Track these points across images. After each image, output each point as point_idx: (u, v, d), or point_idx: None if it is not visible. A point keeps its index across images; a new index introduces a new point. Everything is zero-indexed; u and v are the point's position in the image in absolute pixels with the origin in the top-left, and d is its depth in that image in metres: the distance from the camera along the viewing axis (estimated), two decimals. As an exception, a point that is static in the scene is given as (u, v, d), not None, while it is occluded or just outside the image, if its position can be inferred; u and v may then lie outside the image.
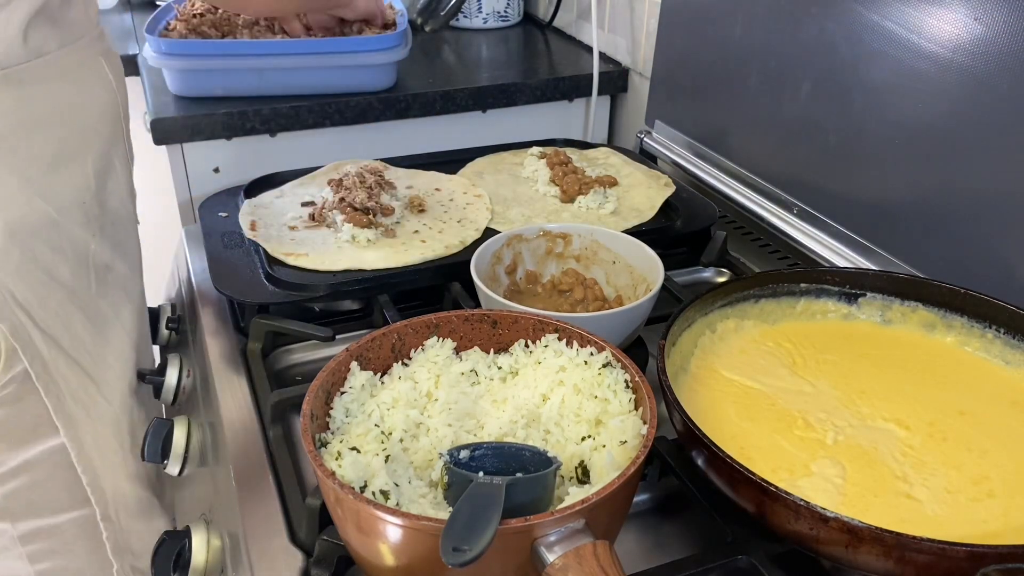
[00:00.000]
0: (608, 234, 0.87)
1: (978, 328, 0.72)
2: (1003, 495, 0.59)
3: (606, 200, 1.04)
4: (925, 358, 0.73)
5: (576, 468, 0.57)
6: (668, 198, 1.05)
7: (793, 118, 1.00)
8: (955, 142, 0.81)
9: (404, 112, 1.28)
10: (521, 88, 1.35)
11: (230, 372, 0.82)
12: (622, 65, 1.43)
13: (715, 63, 1.14)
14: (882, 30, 0.87)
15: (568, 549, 0.47)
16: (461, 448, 0.54)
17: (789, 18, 0.99)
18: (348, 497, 0.49)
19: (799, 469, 0.60)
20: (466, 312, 0.67)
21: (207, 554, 0.68)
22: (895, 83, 0.86)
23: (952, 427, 0.65)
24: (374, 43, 1.23)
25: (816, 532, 0.52)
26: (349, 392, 0.61)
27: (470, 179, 1.11)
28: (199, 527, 0.70)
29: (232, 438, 0.73)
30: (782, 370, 0.71)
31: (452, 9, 1.42)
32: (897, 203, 0.88)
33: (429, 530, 0.47)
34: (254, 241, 0.92)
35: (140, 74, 1.32)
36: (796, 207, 1.01)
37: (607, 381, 0.61)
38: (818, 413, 0.66)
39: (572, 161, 1.11)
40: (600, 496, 0.49)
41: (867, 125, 0.90)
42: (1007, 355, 0.71)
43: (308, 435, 0.54)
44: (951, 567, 0.49)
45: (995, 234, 0.78)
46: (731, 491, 0.57)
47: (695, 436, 0.57)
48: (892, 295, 0.76)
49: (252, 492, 0.67)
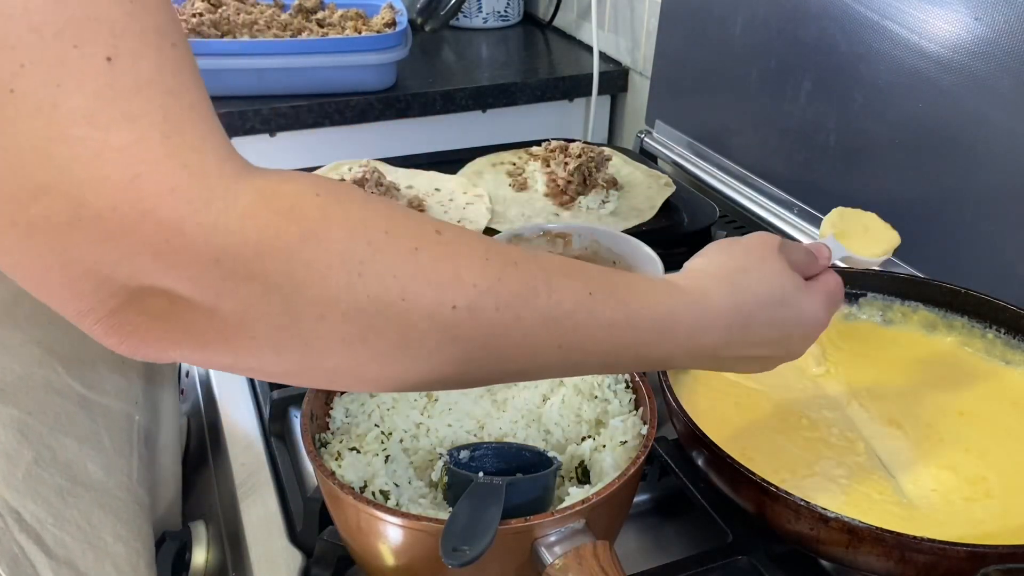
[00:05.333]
0: (608, 234, 0.87)
1: (979, 328, 0.72)
2: (1001, 495, 0.59)
3: (606, 200, 1.04)
4: (926, 358, 0.73)
5: (576, 468, 0.57)
6: (668, 198, 1.05)
7: (793, 118, 1.00)
8: (955, 142, 0.81)
9: (404, 112, 1.28)
10: (521, 88, 1.35)
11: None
12: (622, 65, 1.43)
13: (715, 63, 1.14)
14: (882, 30, 0.87)
15: (568, 549, 0.47)
16: (461, 448, 0.54)
17: (789, 18, 0.99)
18: (348, 497, 0.49)
19: (801, 469, 0.60)
20: (466, 312, 0.67)
21: (207, 554, 0.68)
22: (895, 83, 0.86)
23: (951, 427, 0.65)
24: (374, 43, 1.23)
25: (816, 532, 0.52)
26: (349, 392, 0.61)
27: (470, 179, 1.11)
28: (199, 527, 0.70)
29: (232, 438, 0.73)
30: (783, 371, 0.71)
31: (452, 9, 1.42)
32: (897, 203, 0.88)
33: (429, 530, 0.47)
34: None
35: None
36: (796, 207, 1.01)
37: (607, 381, 0.61)
38: (822, 413, 0.66)
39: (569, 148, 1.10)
40: (600, 496, 0.49)
41: (867, 125, 0.90)
42: (1008, 355, 0.71)
43: (308, 435, 0.54)
44: (951, 567, 0.49)
45: (995, 234, 0.78)
46: (731, 491, 0.57)
47: (696, 436, 0.57)
48: (892, 295, 0.76)
49: (252, 492, 0.67)
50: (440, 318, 0.38)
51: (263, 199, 0.34)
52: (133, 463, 0.63)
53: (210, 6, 1.30)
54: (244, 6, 1.35)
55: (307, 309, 0.35)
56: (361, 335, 0.37)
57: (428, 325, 0.38)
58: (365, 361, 0.38)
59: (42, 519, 0.56)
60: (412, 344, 0.38)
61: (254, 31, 1.27)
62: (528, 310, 0.41)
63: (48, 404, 0.57)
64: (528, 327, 0.41)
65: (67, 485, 0.58)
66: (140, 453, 0.64)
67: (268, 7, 1.37)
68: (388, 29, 1.30)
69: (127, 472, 0.62)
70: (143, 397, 0.65)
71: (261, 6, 1.37)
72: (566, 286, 0.42)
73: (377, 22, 1.36)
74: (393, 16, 1.34)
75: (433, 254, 0.38)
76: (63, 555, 0.58)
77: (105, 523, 0.60)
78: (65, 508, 0.58)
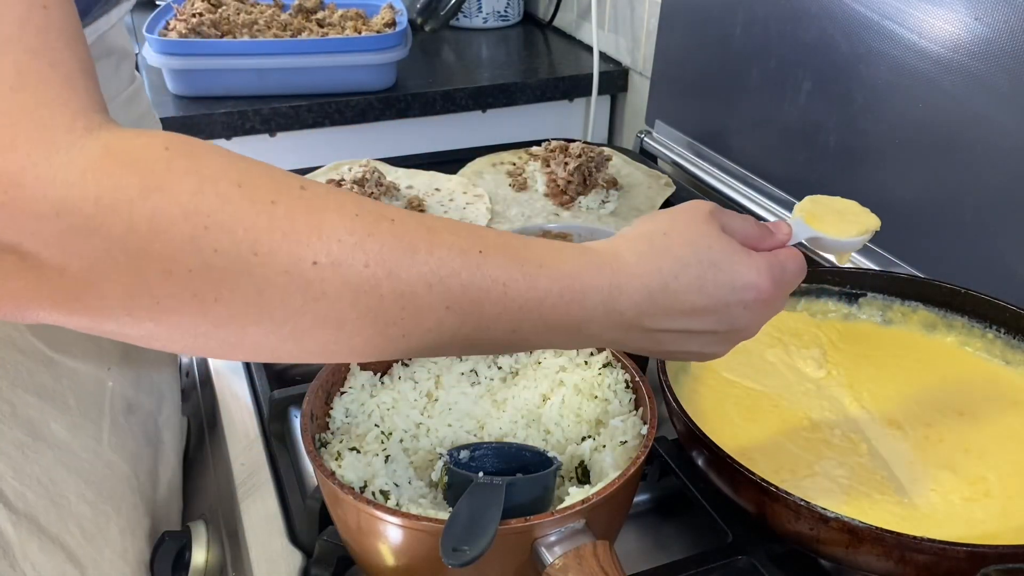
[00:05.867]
0: (608, 234, 0.87)
1: (979, 328, 0.72)
2: (1001, 496, 0.59)
3: (606, 200, 1.04)
4: (926, 358, 0.73)
5: (576, 468, 0.57)
6: (668, 198, 1.05)
7: (793, 118, 1.00)
8: (955, 142, 0.81)
9: (404, 112, 1.28)
10: (521, 88, 1.35)
11: (230, 372, 0.82)
12: (622, 65, 1.43)
13: (715, 63, 1.14)
14: (882, 30, 0.87)
15: (568, 549, 0.47)
16: (461, 448, 0.54)
17: (789, 18, 0.99)
18: (348, 497, 0.49)
19: (802, 469, 0.60)
20: (466, 312, 0.67)
21: (207, 554, 0.68)
22: (895, 83, 0.86)
23: (951, 427, 0.65)
24: (374, 43, 1.23)
25: (816, 532, 0.52)
26: (349, 392, 0.61)
27: (470, 179, 1.11)
28: (199, 527, 0.70)
29: (232, 438, 0.73)
30: (783, 372, 0.71)
31: (452, 9, 1.42)
32: (897, 203, 0.88)
33: (429, 530, 0.47)
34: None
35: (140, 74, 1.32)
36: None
37: (607, 381, 0.61)
38: (824, 414, 0.66)
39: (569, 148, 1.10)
40: (600, 496, 0.49)
41: (867, 125, 0.90)
42: (1008, 355, 0.71)
43: (308, 435, 0.53)
44: (951, 567, 0.49)
45: (995, 234, 0.78)
46: (732, 491, 0.57)
47: (696, 436, 0.57)
48: (892, 295, 0.76)
49: (252, 492, 0.67)
50: (299, 274, 0.36)
51: (108, 153, 0.34)
52: (103, 427, 0.62)
53: (210, 6, 1.30)
54: (244, 6, 1.35)
55: (152, 264, 0.34)
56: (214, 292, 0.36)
57: (286, 281, 0.36)
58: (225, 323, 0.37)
59: (1, 472, 0.56)
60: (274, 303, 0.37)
61: (254, 31, 1.27)
62: (404, 268, 0.38)
63: (8, 360, 0.56)
64: (406, 286, 0.38)
65: (27, 440, 0.57)
66: (114, 420, 0.63)
67: (268, 7, 1.37)
68: (388, 29, 1.30)
69: (95, 435, 0.62)
70: (121, 365, 0.65)
71: (261, 6, 1.37)
72: (451, 243, 0.40)
73: (377, 22, 1.36)
74: (393, 16, 1.34)
75: (292, 207, 0.36)
76: (23, 508, 0.57)
77: (68, 482, 0.60)
78: (25, 463, 0.57)
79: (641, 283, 0.44)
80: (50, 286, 0.35)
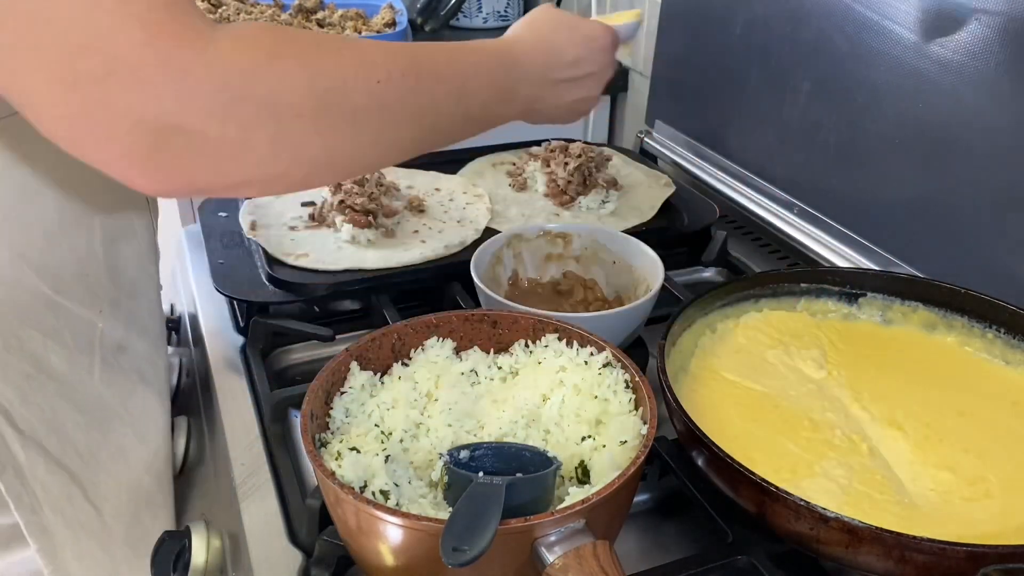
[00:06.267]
0: (608, 234, 0.87)
1: (979, 328, 0.72)
2: (1001, 495, 0.59)
3: (606, 200, 1.04)
4: (926, 358, 0.73)
5: (576, 468, 0.57)
6: (668, 198, 1.05)
7: (793, 118, 1.00)
8: (955, 142, 0.81)
9: (404, 112, 1.27)
10: (521, 88, 1.35)
11: (230, 372, 0.82)
12: (622, 65, 1.43)
13: (715, 63, 1.14)
14: (882, 30, 0.87)
15: (568, 549, 0.47)
16: (461, 448, 0.54)
17: (789, 18, 0.99)
18: (348, 497, 0.49)
19: (803, 470, 0.60)
20: (466, 312, 0.67)
21: (207, 554, 0.68)
22: (895, 83, 0.86)
23: (951, 427, 0.65)
24: (374, 43, 1.22)
25: (816, 532, 0.52)
26: (349, 392, 0.61)
27: (470, 179, 1.11)
28: (199, 527, 0.70)
29: (232, 438, 0.73)
30: (784, 372, 0.71)
31: (452, 9, 1.42)
32: (897, 203, 0.88)
33: (429, 530, 0.47)
34: (254, 241, 0.92)
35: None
36: (796, 207, 1.01)
37: (607, 381, 0.61)
38: (825, 415, 0.66)
39: (570, 148, 1.10)
40: (600, 496, 0.49)
41: (867, 125, 0.90)
42: (1008, 355, 0.71)
43: (308, 435, 0.54)
44: (951, 567, 0.49)
45: (995, 234, 0.78)
46: (732, 491, 0.57)
47: (696, 437, 0.57)
48: (892, 295, 0.76)
49: (252, 492, 0.67)
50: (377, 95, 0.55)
51: (236, 40, 0.47)
52: (95, 363, 0.71)
53: (210, 6, 1.30)
54: (244, 6, 1.35)
55: (285, 111, 0.49)
56: (330, 122, 0.52)
57: (367, 100, 0.54)
58: (332, 142, 0.53)
59: (10, 399, 0.65)
60: (360, 119, 0.54)
61: (254, 31, 1.27)
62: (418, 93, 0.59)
63: (17, 299, 0.64)
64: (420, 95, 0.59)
65: (32, 372, 0.66)
66: (104, 358, 0.72)
67: (268, 7, 1.37)
68: (388, 29, 1.30)
69: (88, 369, 0.71)
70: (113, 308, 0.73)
71: (261, 6, 1.37)
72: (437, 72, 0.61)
73: (377, 22, 1.36)
74: (393, 16, 1.34)
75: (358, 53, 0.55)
76: (29, 432, 0.66)
77: (66, 411, 0.69)
78: (31, 392, 0.66)
79: (539, 50, 0.71)
80: (216, 155, 0.47)
